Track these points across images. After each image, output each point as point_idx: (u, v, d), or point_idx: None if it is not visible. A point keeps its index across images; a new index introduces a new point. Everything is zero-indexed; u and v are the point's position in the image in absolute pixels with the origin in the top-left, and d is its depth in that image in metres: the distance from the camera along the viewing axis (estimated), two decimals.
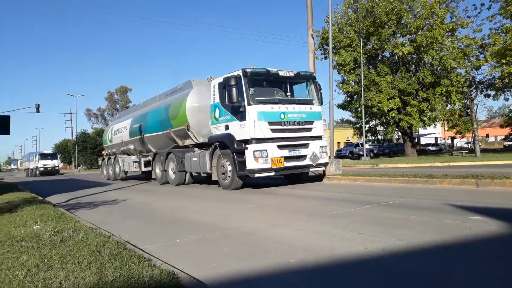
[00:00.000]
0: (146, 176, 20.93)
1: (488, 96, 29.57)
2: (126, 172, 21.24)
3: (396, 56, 29.27)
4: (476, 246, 4.36)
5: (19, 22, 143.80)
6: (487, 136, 67.58)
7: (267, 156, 10.97)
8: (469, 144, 44.43)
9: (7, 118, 10.78)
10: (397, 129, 31.97)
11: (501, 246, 4.35)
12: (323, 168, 13.10)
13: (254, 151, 10.90)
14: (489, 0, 27.36)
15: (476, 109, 29.04)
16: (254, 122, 10.97)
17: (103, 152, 25.33)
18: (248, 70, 11.45)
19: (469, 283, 3.27)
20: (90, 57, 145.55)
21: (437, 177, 10.83)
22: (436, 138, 68.08)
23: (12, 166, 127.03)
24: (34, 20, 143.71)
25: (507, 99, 31.17)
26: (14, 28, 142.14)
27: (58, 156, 61.44)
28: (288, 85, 12.66)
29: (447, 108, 29.75)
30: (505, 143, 51.29)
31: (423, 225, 5.46)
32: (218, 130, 12.44)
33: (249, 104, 11.11)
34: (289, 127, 11.57)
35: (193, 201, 10.65)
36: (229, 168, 11.95)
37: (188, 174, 15.52)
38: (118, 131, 21.91)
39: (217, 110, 12.49)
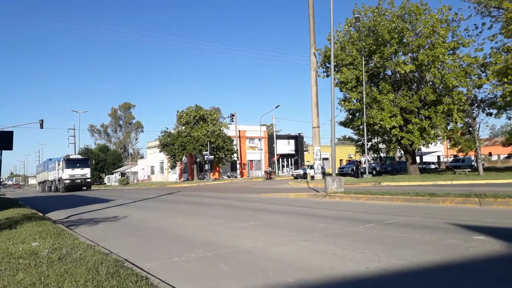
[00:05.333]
0: None
1: (490, 114, 29.54)
2: None
3: (398, 74, 29.40)
4: (479, 267, 4.29)
5: (24, 37, 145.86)
6: (490, 154, 67.38)
7: None
8: (473, 163, 44.15)
9: (10, 133, 10.78)
10: (399, 147, 31.88)
11: (505, 267, 4.27)
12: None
13: None
14: (490, 20, 27.60)
15: (479, 127, 28.98)
16: None
17: None
18: None
19: None
20: (95, 73, 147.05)
21: (439, 195, 10.76)
22: (438, 157, 67.85)
23: (9, 182, 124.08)
24: (39, 36, 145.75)
25: (509, 118, 31.08)
26: (19, 43, 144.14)
27: (90, 163, 44.75)
28: None
29: (449, 126, 29.71)
30: None
31: (425, 244, 5.39)
32: None
33: None
34: None
35: (191, 218, 10.56)
36: None
37: None
38: None
39: None
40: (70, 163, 39.85)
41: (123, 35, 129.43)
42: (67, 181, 38.44)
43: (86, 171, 40.38)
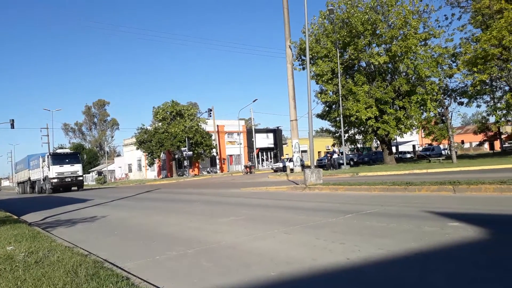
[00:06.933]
0: None
1: (461, 103, 30.35)
2: None
3: (372, 66, 29.82)
4: (455, 252, 4.41)
5: None
6: (462, 142, 69.33)
7: None
8: (446, 150, 45.33)
9: None
10: (375, 138, 32.44)
11: (479, 252, 4.41)
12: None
13: None
14: (459, 10, 28.33)
15: (451, 116, 29.74)
16: None
17: None
18: None
19: None
20: (67, 70, 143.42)
21: (415, 184, 11.00)
22: (414, 146, 69.32)
23: None
24: (8, 33, 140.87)
25: (479, 106, 32.09)
26: None
27: (81, 158, 38.45)
28: None
29: (423, 116, 30.40)
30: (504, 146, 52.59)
31: (403, 233, 5.50)
32: None
33: None
34: None
35: (170, 215, 10.48)
36: None
37: None
38: None
39: None
40: (58, 158, 33.93)
41: (96, 30, 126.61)
42: (55, 180, 32.80)
43: (77, 168, 34.43)
